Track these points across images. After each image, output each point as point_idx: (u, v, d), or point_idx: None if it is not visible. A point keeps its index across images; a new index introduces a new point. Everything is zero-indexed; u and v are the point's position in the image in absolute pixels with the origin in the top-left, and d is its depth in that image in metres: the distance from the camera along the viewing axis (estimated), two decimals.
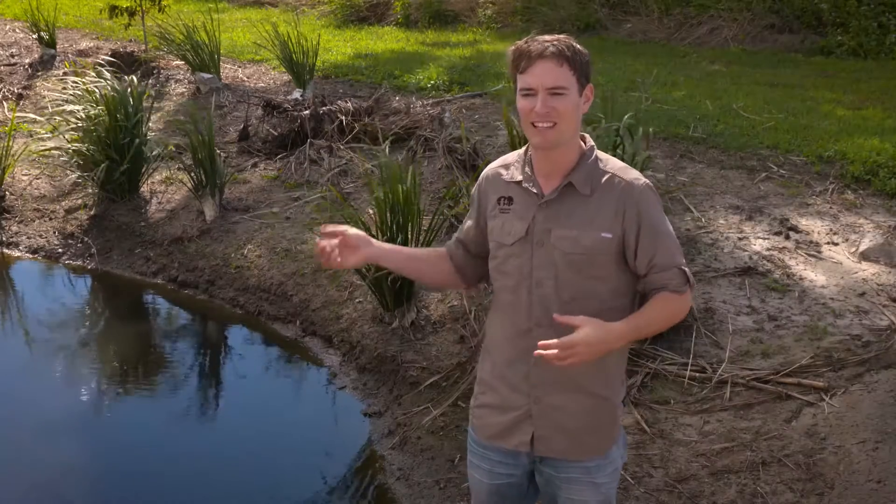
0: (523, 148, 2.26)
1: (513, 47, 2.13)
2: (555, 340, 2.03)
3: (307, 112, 7.05)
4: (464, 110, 7.43)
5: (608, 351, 2.08)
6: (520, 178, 2.20)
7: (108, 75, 6.72)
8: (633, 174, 2.16)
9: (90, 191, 6.70)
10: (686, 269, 2.15)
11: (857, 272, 4.47)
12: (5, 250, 6.47)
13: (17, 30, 11.87)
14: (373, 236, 4.49)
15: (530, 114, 2.07)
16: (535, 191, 2.17)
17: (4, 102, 8.78)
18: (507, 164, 2.27)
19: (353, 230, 2.31)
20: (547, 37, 2.09)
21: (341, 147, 6.74)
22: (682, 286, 2.14)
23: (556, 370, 2.18)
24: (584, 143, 2.20)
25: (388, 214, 4.55)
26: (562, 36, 2.11)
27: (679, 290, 2.14)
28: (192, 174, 6.12)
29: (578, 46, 2.09)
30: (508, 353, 2.25)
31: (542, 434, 2.23)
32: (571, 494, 2.26)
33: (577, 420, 2.21)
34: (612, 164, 2.18)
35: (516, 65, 2.11)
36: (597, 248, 2.11)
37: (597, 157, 2.18)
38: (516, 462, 2.29)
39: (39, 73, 9.66)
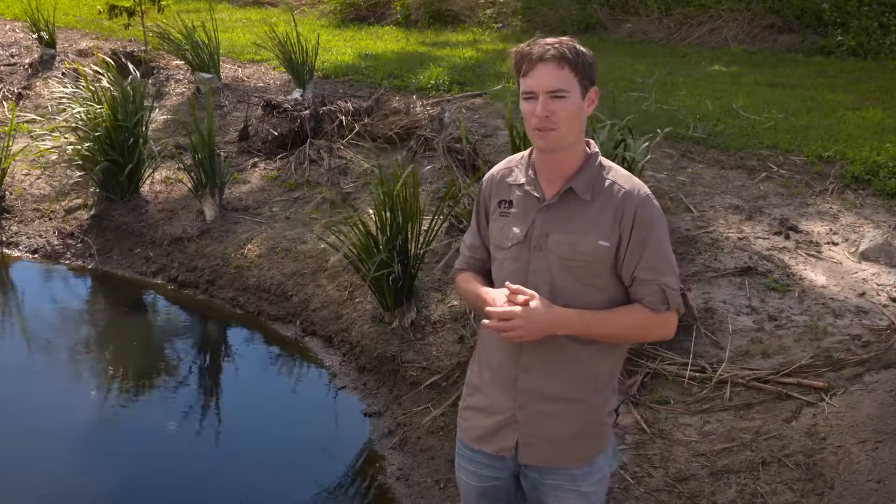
0: (528, 150, 2.25)
1: (515, 50, 2.11)
2: (496, 309, 2.06)
3: (307, 112, 7.05)
4: (464, 110, 7.43)
5: (550, 333, 2.06)
6: (523, 180, 2.19)
7: (108, 75, 6.71)
8: (635, 183, 2.13)
9: (90, 191, 6.70)
10: (668, 289, 2.10)
11: (857, 272, 4.46)
12: (5, 250, 6.47)
13: (17, 30, 11.87)
14: (373, 236, 4.55)
15: (532, 117, 2.06)
16: (536, 195, 2.16)
17: (4, 102, 8.78)
18: (510, 167, 2.26)
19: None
20: (549, 39, 2.07)
21: (341, 147, 6.74)
22: (657, 304, 2.10)
23: (545, 377, 2.17)
24: (589, 147, 2.18)
25: (388, 214, 4.55)
26: (564, 38, 2.09)
27: (653, 308, 2.11)
28: (192, 174, 6.11)
29: (581, 48, 2.07)
30: (499, 357, 2.23)
31: (526, 441, 2.21)
32: (557, 502, 2.23)
33: (563, 428, 2.18)
34: (615, 171, 2.16)
35: (518, 68, 2.09)
36: (594, 255, 2.09)
37: (600, 163, 2.16)
38: (503, 465, 2.27)
39: (39, 73, 9.66)
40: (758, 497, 3.19)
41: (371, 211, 4.97)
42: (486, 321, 2.08)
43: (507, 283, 2.12)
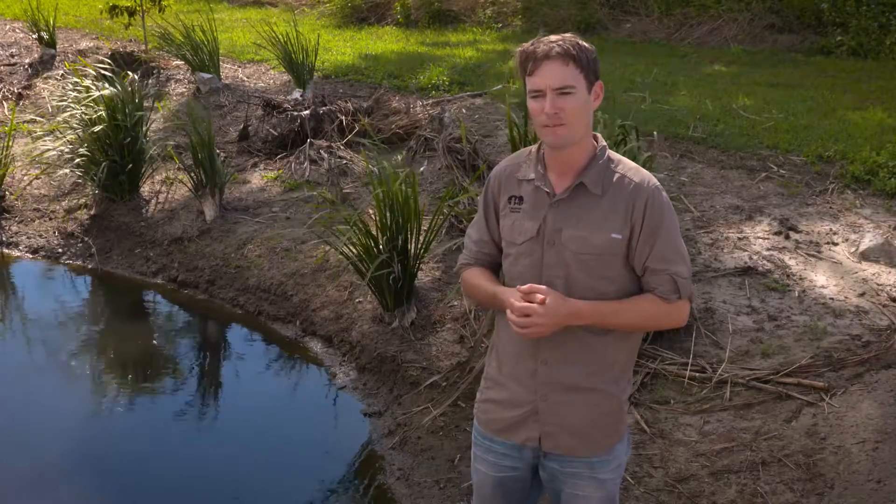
0: (535, 145, 2.27)
1: (520, 49, 2.14)
2: (518, 304, 2.08)
3: (307, 112, 7.06)
4: (464, 110, 7.43)
5: (565, 325, 2.10)
6: (532, 175, 2.21)
7: (108, 75, 6.72)
8: (644, 175, 2.16)
9: (90, 191, 6.70)
10: (679, 279, 2.13)
11: (857, 272, 4.47)
12: (5, 250, 6.47)
13: (17, 30, 11.87)
14: (373, 236, 4.55)
15: (540, 115, 2.08)
16: (547, 190, 2.18)
17: (4, 102, 8.78)
18: (518, 162, 2.28)
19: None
20: (553, 37, 2.10)
21: (341, 147, 6.74)
22: (669, 294, 2.14)
23: (563, 368, 2.20)
24: (597, 142, 2.21)
25: (388, 214, 4.55)
26: (568, 35, 2.11)
27: (665, 297, 2.14)
28: (192, 174, 6.11)
29: (584, 44, 2.10)
30: (517, 351, 2.26)
31: (548, 431, 2.24)
32: (575, 490, 2.27)
33: (584, 418, 2.22)
34: (624, 164, 2.19)
35: (524, 67, 2.12)
36: (606, 248, 2.12)
37: (609, 157, 2.19)
38: (521, 455, 2.31)
39: (39, 73, 9.66)
40: (758, 497, 3.19)
41: (371, 211, 4.97)
42: (508, 314, 2.11)
43: (517, 286, 2.14)
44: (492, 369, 2.36)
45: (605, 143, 2.21)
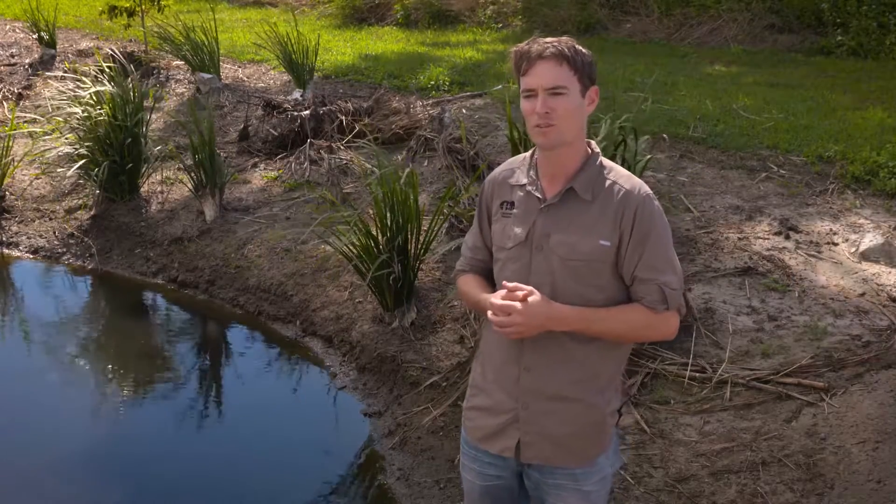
0: (530, 151, 2.26)
1: (515, 49, 2.14)
2: (497, 301, 2.08)
3: (307, 112, 7.06)
4: (464, 110, 7.43)
5: (548, 329, 2.08)
6: (524, 181, 2.20)
7: (107, 75, 6.72)
8: (635, 183, 2.14)
9: (90, 191, 6.70)
10: (668, 289, 2.10)
11: (857, 272, 4.47)
12: (5, 250, 6.47)
13: (17, 30, 11.88)
14: (373, 236, 4.55)
15: (532, 115, 2.08)
16: (538, 195, 2.17)
17: (4, 102, 8.78)
18: (512, 168, 2.27)
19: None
20: (548, 39, 2.10)
21: (341, 147, 6.74)
22: (656, 304, 2.10)
23: (547, 376, 2.17)
24: (590, 148, 2.20)
25: (388, 214, 4.55)
26: (564, 38, 2.11)
27: (653, 307, 2.11)
28: (192, 174, 6.11)
29: (580, 48, 2.09)
30: (501, 357, 2.24)
31: (527, 440, 2.21)
32: (559, 501, 2.24)
33: (565, 427, 2.18)
34: (615, 171, 2.17)
35: (518, 67, 2.11)
36: (594, 255, 2.10)
37: (601, 163, 2.17)
38: (505, 464, 2.28)
39: (39, 73, 9.66)
40: (758, 497, 3.20)
41: (371, 211, 4.97)
42: (488, 312, 2.11)
43: (504, 282, 2.13)
44: (477, 376, 2.34)
45: (598, 150, 2.20)
